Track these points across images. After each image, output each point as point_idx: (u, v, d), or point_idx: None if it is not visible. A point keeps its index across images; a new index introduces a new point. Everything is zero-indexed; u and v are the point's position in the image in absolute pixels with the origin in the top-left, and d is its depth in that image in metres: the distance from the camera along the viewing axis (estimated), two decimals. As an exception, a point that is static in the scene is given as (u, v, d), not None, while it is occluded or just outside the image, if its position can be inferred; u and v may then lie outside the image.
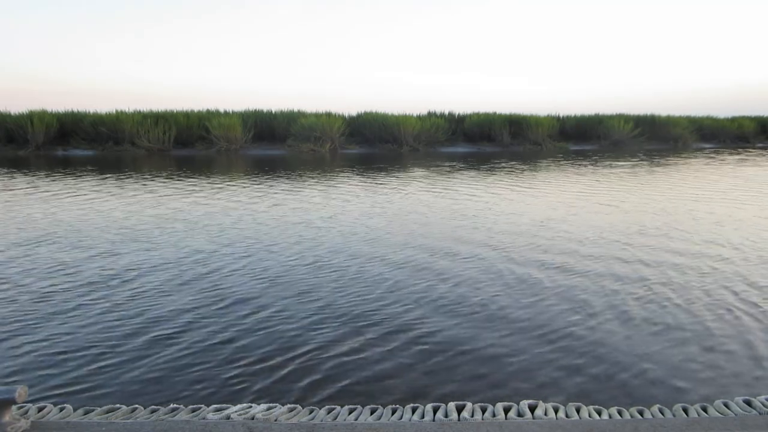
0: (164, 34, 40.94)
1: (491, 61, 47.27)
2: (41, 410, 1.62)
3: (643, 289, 3.44)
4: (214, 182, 9.26)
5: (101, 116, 17.71)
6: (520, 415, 1.57)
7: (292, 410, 1.63)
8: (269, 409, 1.62)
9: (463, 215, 6.05)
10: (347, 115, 20.16)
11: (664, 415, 1.58)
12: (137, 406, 1.69)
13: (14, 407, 1.39)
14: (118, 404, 1.71)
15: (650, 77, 46.92)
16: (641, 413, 1.59)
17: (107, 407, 1.68)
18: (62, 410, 1.63)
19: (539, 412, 1.57)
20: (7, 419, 1.36)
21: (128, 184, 8.88)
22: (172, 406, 1.66)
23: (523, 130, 20.74)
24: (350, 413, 1.61)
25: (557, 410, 1.59)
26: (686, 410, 1.59)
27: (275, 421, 1.52)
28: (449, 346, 2.59)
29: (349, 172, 11.41)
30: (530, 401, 1.64)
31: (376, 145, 19.18)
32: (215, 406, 1.64)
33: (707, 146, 23.30)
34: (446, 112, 21.93)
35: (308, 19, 44.18)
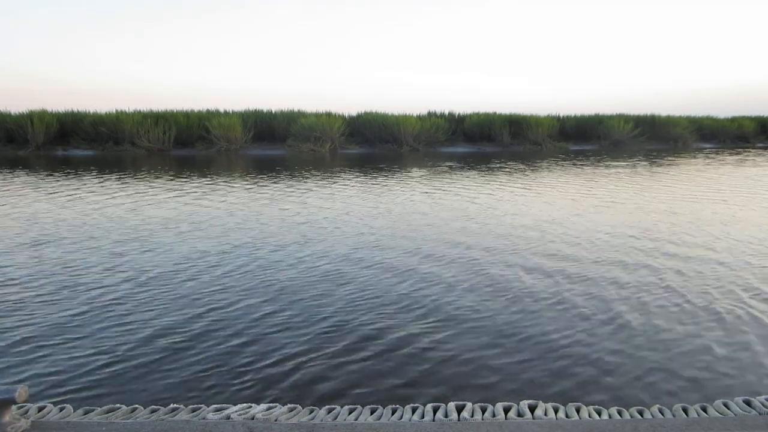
0: (164, 34, 40.96)
1: (491, 61, 47.29)
2: (41, 410, 1.62)
3: (646, 289, 3.44)
4: (215, 182, 9.26)
5: (101, 116, 17.70)
6: (520, 415, 1.57)
7: (292, 410, 1.63)
8: (269, 409, 1.62)
9: (466, 216, 6.04)
10: (347, 115, 20.17)
11: (663, 415, 1.58)
12: (137, 406, 1.69)
13: (14, 407, 1.39)
14: (118, 404, 1.71)
15: (650, 77, 46.94)
16: (641, 413, 1.59)
17: (107, 407, 1.68)
18: (62, 410, 1.63)
19: (539, 412, 1.57)
20: (7, 419, 1.36)
21: (130, 184, 8.88)
22: (172, 406, 1.66)
23: (523, 130, 20.73)
24: (350, 413, 1.61)
25: (557, 410, 1.59)
26: (686, 410, 1.59)
27: (275, 421, 1.52)
28: (454, 347, 2.59)
29: (350, 172, 11.41)
30: (530, 401, 1.64)
31: (376, 145, 19.18)
32: (215, 406, 1.64)
33: (707, 146, 23.30)
34: (446, 112, 21.95)
35: (308, 19, 44.19)
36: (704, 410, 1.58)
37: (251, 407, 1.62)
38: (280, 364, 2.40)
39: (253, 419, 1.52)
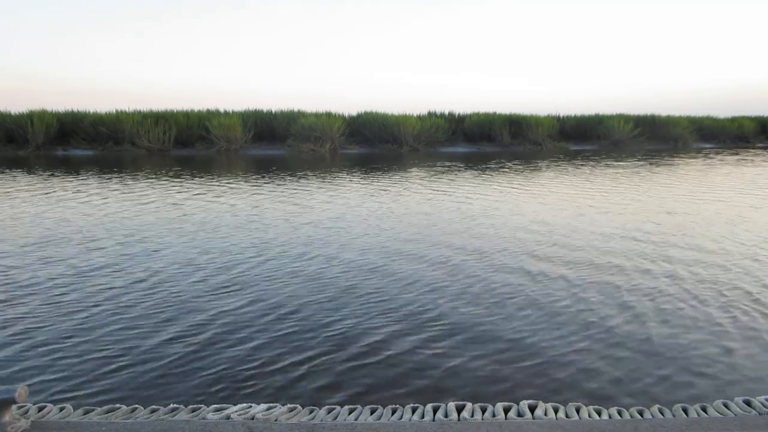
0: (164, 34, 40.98)
1: (491, 61, 47.30)
2: (41, 410, 1.62)
3: (654, 290, 3.44)
4: (216, 182, 9.25)
5: (101, 116, 17.71)
6: (520, 415, 1.57)
7: (292, 410, 1.63)
8: (269, 409, 1.62)
9: (470, 216, 6.03)
10: (347, 115, 20.18)
11: (663, 415, 1.58)
12: (137, 406, 1.69)
13: (14, 407, 1.39)
14: (118, 404, 1.71)
15: (650, 77, 46.95)
16: (641, 413, 1.59)
17: (107, 407, 1.68)
18: (62, 410, 1.63)
19: (539, 412, 1.57)
20: (7, 419, 1.36)
21: (132, 184, 8.88)
22: (172, 406, 1.66)
23: (523, 130, 20.73)
24: (350, 413, 1.61)
25: (557, 410, 1.59)
26: (686, 410, 1.59)
27: (275, 421, 1.52)
28: (460, 352, 2.59)
29: (350, 172, 11.40)
30: (530, 401, 1.64)
31: (376, 145, 19.18)
32: (215, 406, 1.64)
33: (707, 146, 23.29)
34: (446, 112, 21.95)
35: (308, 19, 44.21)
36: (704, 410, 1.58)
37: (251, 407, 1.62)
38: (282, 364, 2.40)
39: (253, 419, 1.52)
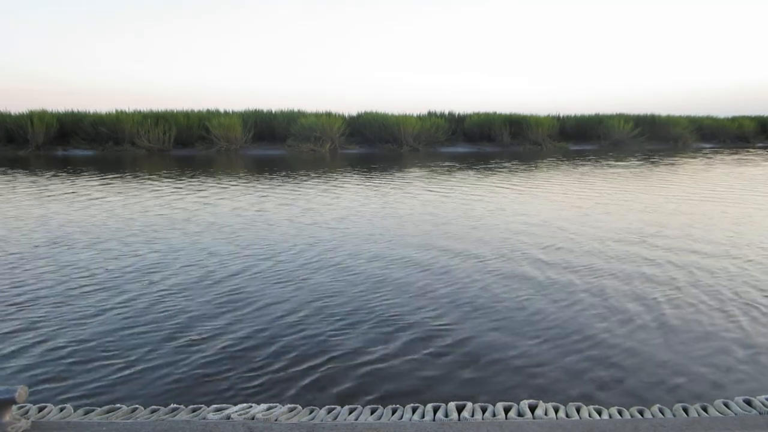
0: (164, 34, 40.99)
1: (491, 61, 47.31)
2: (42, 410, 1.62)
3: (662, 290, 3.43)
4: (217, 182, 9.24)
5: (101, 116, 17.71)
6: (520, 414, 1.57)
7: (292, 410, 1.63)
8: (269, 409, 1.62)
9: (474, 217, 6.01)
10: (347, 115, 20.18)
11: (664, 414, 1.58)
12: (137, 406, 1.69)
13: (14, 407, 1.39)
14: (118, 404, 1.71)
15: (650, 77, 46.96)
16: (641, 413, 1.59)
17: (107, 407, 1.68)
18: (62, 410, 1.63)
19: (539, 411, 1.57)
20: (7, 419, 1.36)
21: (133, 184, 8.88)
22: (172, 406, 1.65)
23: (523, 130, 20.73)
24: (350, 413, 1.61)
25: (557, 410, 1.59)
26: (686, 410, 1.59)
27: (275, 421, 1.52)
28: (459, 348, 2.59)
29: (351, 172, 11.39)
30: (530, 401, 1.64)
31: (376, 145, 19.18)
32: (215, 406, 1.64)
33: (707, 146, 23.29)
34: (446, 112, 21.95)
35: (308, 19, 44.22)
36: (704, 410, 1.58)
37: (251, 407, 1.62)
38: (283, 364, 2.40)
39: (253, 419, 1.52)
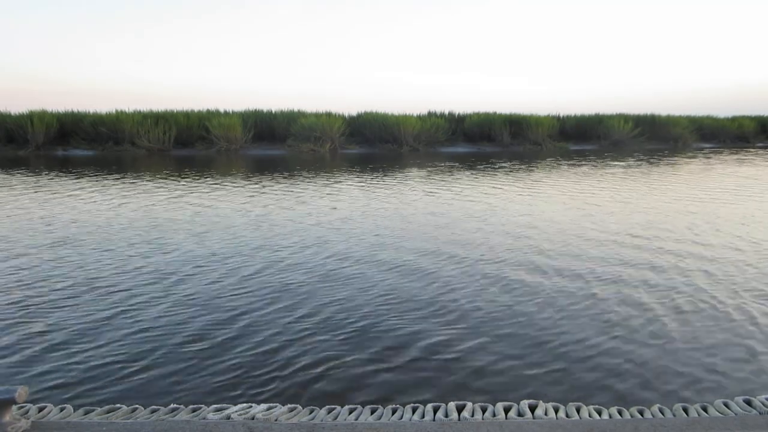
0: (164, 34, 40.99)
1: (491, 61, 47.30)
2: (42, 410, 1.62)
3: (669, 290, 3.44)
4: (219, 183, 9.23)
5: (101, 116, 17.71)
6: (520, 414, 1.57)
7: (292, 410, 1.63)
8: (269, 409, 1.62)
9: (479, 217, 5.99)
10: (347, 115, 20.17)
11: (664, 414, 1.58)
12: (137, 406, 1.69)
13: (15, 407, 1.40)
14: (118, 404, 1.71)
15: (650, 77, 46.95)
16: (641, 413, 1.59)
17: (107, 407, 1.68)
18: (62, 410, 1.63)
19: (539, 411, 1.57)
20: (7, 419, 1.36)
21: (135, 184, 8.87)
22: (172, 406, 1.66)
23: (523, 130, 20.72)
24: (350, 413, 1.61)
25: (557, 410, 1.59)
26: (686, 410, 1.59)
27: (275, 421, 1.52)
28: (478, 353, 2.58)
29: (352, 172, 11.38)
30: (530, 401, 1.64)
31: (376, 145, 19.18)
32: (215, 406, 1.64)
33: (707, 146, 23.29)
34: (446, 112, 21.94)
35: (308, 19, 44.21)
36: (705, 410, 1.58)
37: (251, 407, 1.62)
38: (284, 364, 2.40)
39: (253, 419, 1.52)
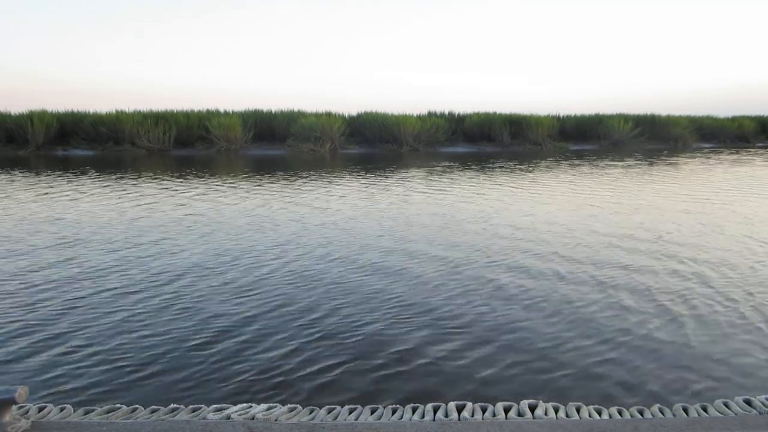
0: (164, 34, 41.00)
1: (491, 61, 47.32)
2: (42, 410, 1.62)
3: (651, 291, 3.44)
4: (220, 183, 9.23)
5: (101, 116, 17.71)
6: (520, 414, 1.57)
7: (292, 410, 1.63)
8: (269, 409, 1.62)
9: (483, 218, 5.98)
10: (347, 115, 20.18)
11: (664, 414, 1.57)
12: (137, 406, 1.69)
13: (15, 407, 1.39)
14: (118, 404, 1.71)
15: (650, 77, 46.96)
16: (641, 413, 1.59)
17: (107, 407, 1.68)
18: (62, 410, 1.63)
19: (539, 411, 1.57)
20: (7, 419, 1.36)
21: (136, 184, 8.86)
22: (172, 406, 1.65)
23: (523, 130, 20.72)
24: (350, 413, 1.61)
25: (557, 410, 1.59)
26: (686, 410, 1.59)
27: (275, 421, 1.52)
28: (470, 350, 2.59)
29: (353, 172, 11.38)
30: (530, 401, 1.64)
31: (376, 145, 19.18)
32: (215, 406, 1.64)
33: (707, 146, 23.28)
34: (446, 112, 21.95)
35: (308, 19, 44.23)
36: (704, 410, 1.58)
37: (251, 407, 1.62)
38: (284, 364, 2.40)
39: (253, 419, 1.52)
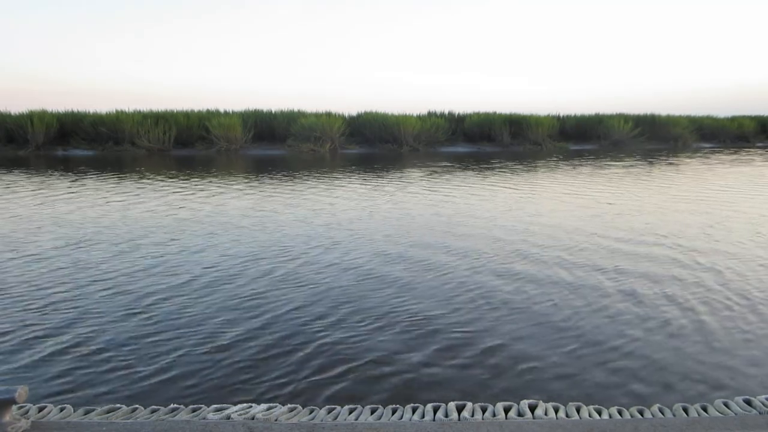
0: (164, 34, 40.98)
1: (491, 61, 47.30)
2: (41, 410, 1.62)
3: (653, 291, 3.44)
4: (221, 183, 9.22)
5: (101, 116, 17.70)
6: (520, 414, 1.57)
7: (292, 410, 1.63)
8: (269, 409, 1.62)
9: (487, 218, 5.96)
10: (347, 115, 20.17)
11: (664, 414, 1.58)
12: (137, 406, 1.69)
13: (14, 407, 1.39)
14: (118, 404, 1.71)
15: (650, 77, 46.94)
16: (641, 413, 1.59)
17: (107, 407, 1.68)
18: (62, 410, 1.63)
19: (539, 411, 1.57)
20: (7, 419, 1.36)
21: (137, 185, 8.86)
22: (172, 406, 1.65)
23: (523, 130, 20.72)
24: (350, 413, 1.61)
25: (557, 410, 1.59)
26: (686, 410, 1.59)
27: (275, 421, 1.52)
28: (476, 350, 2.59)
29: (353, 172, 11.37)
30: (530, 401, 1.64)
31: (376, 145, 19.17)
32: (215, 406, 1.64)
33: (707, 146, 23.27)
34: (446, 112, 21.94)
35: (308, 19, 44.20)
36: (704, 410, 1.58)
37: (251, 407, 1.62)
38: (284, 364, 2.40)
39: (253, 419, 1.52)
